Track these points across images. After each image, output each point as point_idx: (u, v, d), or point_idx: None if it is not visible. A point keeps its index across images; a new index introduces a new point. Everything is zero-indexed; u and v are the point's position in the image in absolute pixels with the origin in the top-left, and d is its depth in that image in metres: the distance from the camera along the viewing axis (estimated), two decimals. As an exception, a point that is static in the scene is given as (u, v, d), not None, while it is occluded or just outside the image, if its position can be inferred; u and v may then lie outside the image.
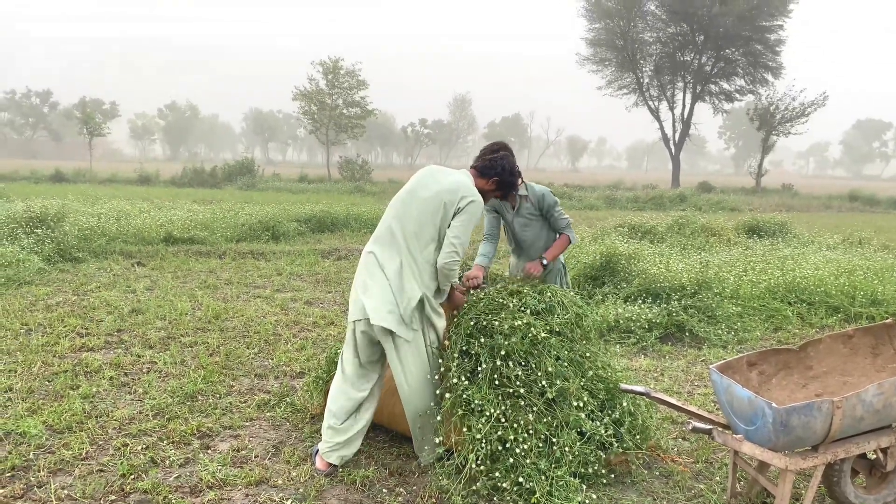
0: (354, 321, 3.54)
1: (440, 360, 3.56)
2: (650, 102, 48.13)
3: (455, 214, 3.48)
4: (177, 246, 11.31)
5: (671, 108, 48.13)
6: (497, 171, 3.78)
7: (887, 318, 7.11)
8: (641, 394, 3.45)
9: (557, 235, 4.69)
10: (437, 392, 3.52)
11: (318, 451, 3.63)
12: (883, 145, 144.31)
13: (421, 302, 3.47)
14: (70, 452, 3.67)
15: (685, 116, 47.06)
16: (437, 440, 3.44)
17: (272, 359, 5.56)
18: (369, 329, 3.49)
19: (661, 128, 48.36)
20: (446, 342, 3.63)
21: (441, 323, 3.64)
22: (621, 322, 6.61)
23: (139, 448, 3.76)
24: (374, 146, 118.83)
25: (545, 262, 4.48)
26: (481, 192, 3.67)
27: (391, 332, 3.42)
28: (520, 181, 4.39)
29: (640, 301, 7.09)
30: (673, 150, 47.57)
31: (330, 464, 3.56)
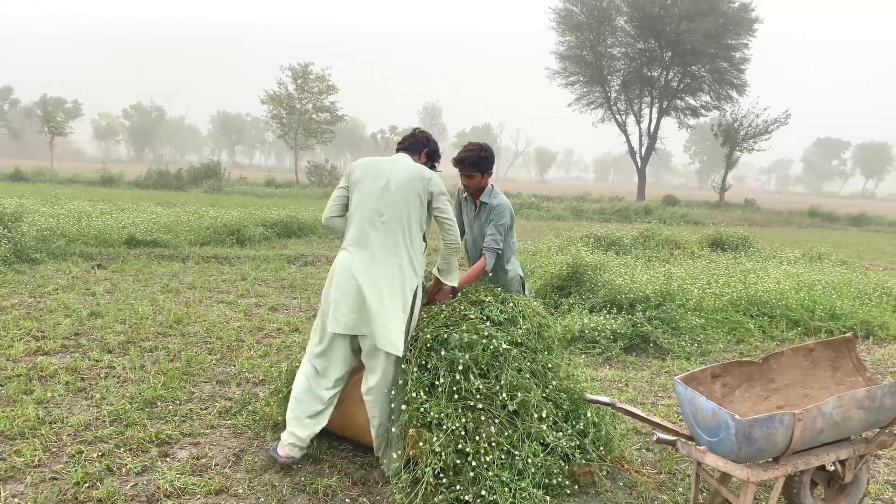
0: (340, 335, 3.53)
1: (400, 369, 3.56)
2: (617, 116, 48.74)
3: (430, 199, 3.60)
4: (139, 249, 11.09)
5: (638, 123, 48.79)
6: (423, 143, 3.89)
7: (846, 331, 7.27)
8: (607, 404, 3.46)
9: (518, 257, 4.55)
10: (393, 405, 3.52)
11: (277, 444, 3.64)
12: (841, 163, 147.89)
13: (414, 296, 3.55)
14: (22, 459, 3.56)
15: (651, 131, 47.73)
16: (394, 454, 3.43)
17: (234, 365, 5.47)
18: (359, 343, 3.54)
19: (628, 141, 48.97)
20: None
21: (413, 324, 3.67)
22: (586, 332, 6.65)
23: (95, 455, 3.66)
24: (343, 152, 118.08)
25: (456, 291, 4.06)
26: None
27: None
28: (492, 184, 4.40)
29: (606, 311, 7.14)
30: (639, 164, 48.19)
31: (291, 455, 3.58)
